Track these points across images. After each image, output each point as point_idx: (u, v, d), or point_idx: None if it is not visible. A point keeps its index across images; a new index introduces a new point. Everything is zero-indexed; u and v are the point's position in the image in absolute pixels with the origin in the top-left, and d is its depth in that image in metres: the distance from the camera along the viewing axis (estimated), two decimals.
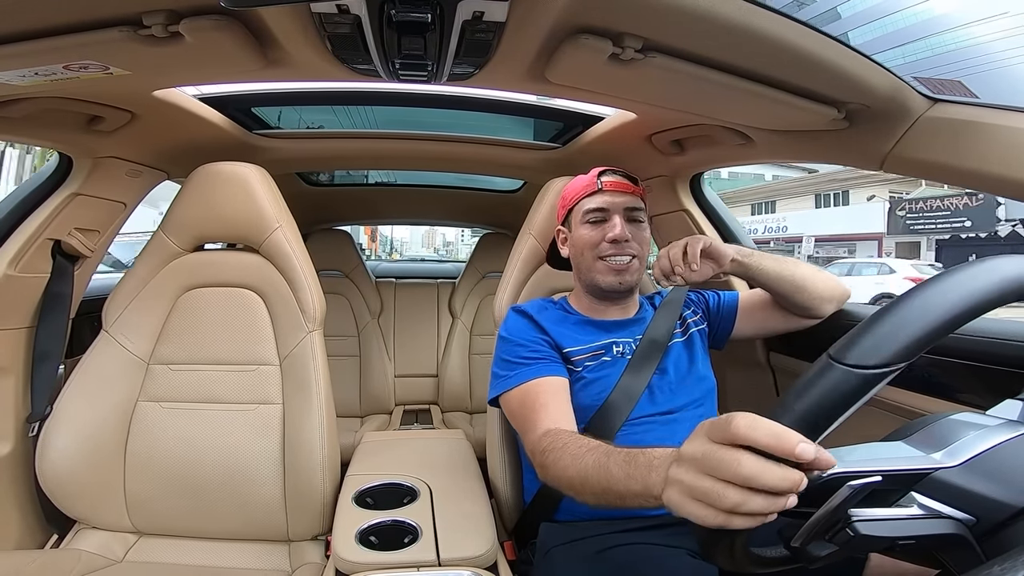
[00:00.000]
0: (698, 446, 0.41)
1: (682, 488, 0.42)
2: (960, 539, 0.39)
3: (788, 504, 0.37)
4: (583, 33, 0.65)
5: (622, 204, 0.92)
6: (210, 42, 0.65)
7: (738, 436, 0.38)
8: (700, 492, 0.40)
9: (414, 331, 2.21)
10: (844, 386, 0.39)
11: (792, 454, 0.36)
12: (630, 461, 0.54)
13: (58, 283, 1.09)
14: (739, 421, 0.38)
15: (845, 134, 0.85)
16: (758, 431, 0.37)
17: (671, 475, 0.44)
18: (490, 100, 1.24)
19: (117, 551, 0.96)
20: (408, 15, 0.58)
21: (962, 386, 0.82)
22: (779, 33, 0.62)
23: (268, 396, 1.01)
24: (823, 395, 0.40)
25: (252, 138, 1.33)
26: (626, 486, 0.53)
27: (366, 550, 0.76)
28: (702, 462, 0.40)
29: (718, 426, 0.40)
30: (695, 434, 0.43)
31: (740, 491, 0.37)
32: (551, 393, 0.82)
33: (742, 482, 0.37)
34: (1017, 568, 0.28)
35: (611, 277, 0.91)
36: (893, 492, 0.41)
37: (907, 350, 0.39)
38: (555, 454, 0.68)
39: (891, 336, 0.40)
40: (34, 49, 0.63)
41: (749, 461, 0.37)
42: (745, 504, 0.37)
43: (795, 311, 0.98)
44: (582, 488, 0.62)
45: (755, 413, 0.39)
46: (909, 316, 0.40)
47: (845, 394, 0.39)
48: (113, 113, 0.95)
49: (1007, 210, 11.70)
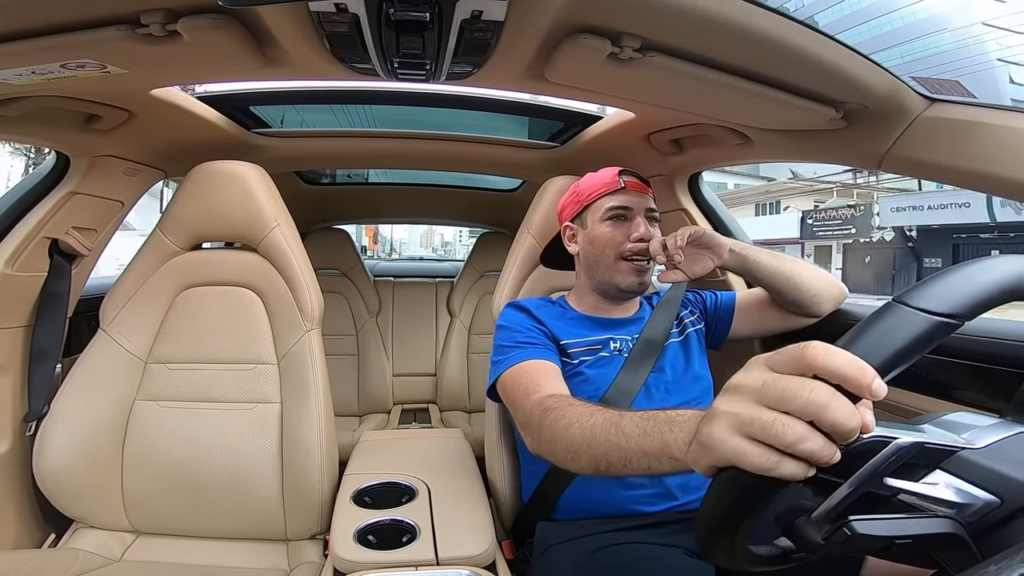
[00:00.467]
0: (758, 374, 0.37)
1: (733, 421, 0.37)
2: (957, 539, 0.39)
3: (835, 458, 0.34)
4: (582, 32, 0.65)
5: (643, 204, 0.93)
6: (208, 41, 0.65)
7: (815, 362, 0.34)
8: (759, 424, 0.35)
9: (412, 330, 2.21)
10: (910, 329, 0.38)
11: (869, 388, 0.33)
12: (648, 418, 0.51)
13: (55, 282, 1.08)
14: (816, 347, 0.34)
15: (843, 134, 0.85)
16: (839, 357, 0.34)
17: (718, 407, 0.39)
18: (489, 99, 1.24)
19: (115, 550, 0.96)
20: (407, 14, 0.58)
21: (963, 386, 0.82)
22: (777, 32, 0.62)
23: (266, 395, 1.01)
24: (888, 336, 0.38)
25: (250, 137, 1.33)
26: (639, 444, 0.50)
27: (364, 549, 0.76)
28: (763, 390, 0.36)
29: (787, 354, 0.36)
30: (751, 365, 0.39)
31: (803, 425, 0.34)
32: (548, 371, 0.82)
33: (812, 411, 0.33)
34: (1013, 567, 0.29)
35: (632, 277, 0.92)
36: (920, 467, 0.41)
37: (977, 303, 0.39)
38: (558, 412, 0.65)
39: (964, 286, 0.39)
40: (32, 48, 0.63)
41: (824, 388, 0.33)
42: (806, 441, 0.34)
43: (792, 309, 0.98)
44: (583, 449, 0.57)
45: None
46: (984, 273, 0.40)
47: (912, 339, 0.37)
48: (111, 112, 0.94)
49: (880, 219, 13.68)
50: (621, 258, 0.92)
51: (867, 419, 0.34)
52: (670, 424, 0.47)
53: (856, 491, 0.39)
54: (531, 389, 0.77)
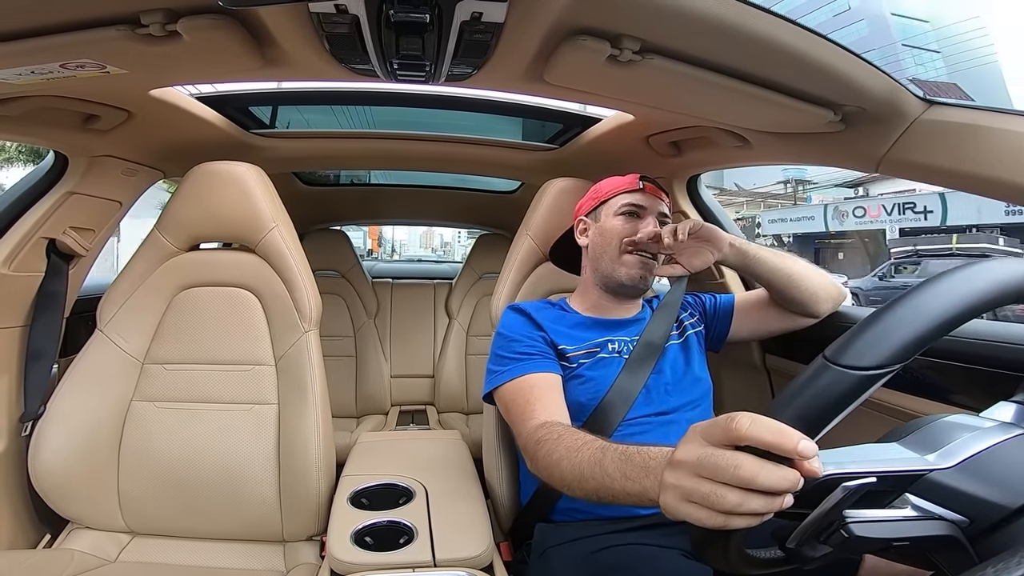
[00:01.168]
0: (693, 449, 0.41)
1: (678, 492, 0.42)
2: (953, 541, 0.39)
3: (785, 504, 0.37)
4: (581, 34, 0.65)
5: (657, 207, 0.95)
6: (208, 41, 0.65)
7: (740, 435, 0.38)
8: (698, 496, 0.39)
9: (410, 332, 2.21)
10: (839, 387, 0.40)
11: (794, 451, 0.35)
12: (626, 460, 0.53)
13: (52, 282, 1.08)
14: (741, 420, 0.38)
15: (841, 136, 0.85)
16: (761, 428, 0.37)
17: (666, 480, 0.43)
18: (488, 101, 1.24)
19: (110, 551, 0.95)
20: (406, 15, 0.58)
21: (955, 388, 0.82)
22: (776, 35, 0.63)
23: (263, 396, 1.00)
24: (818, 396, 0.40)
25: (249, 137, 1.33)
26: (622, 487, 0.53)
27: (361, 551, 0.76)
28: (698, 465, 0.40)
29: (716, 426, 0.40)
30: (688, 438, 0.43)
31: (738, 492, 0.37)
32: (545, 388, 0.83)
33: (741, 484, 0.37)
34: (1010, 569, 0.29)
35: (635, 271, 0.93)
36: (888, 493, 0.41)
37: (902, 352, 0.40)
38: (549, 446, 0.67)
39: (886, 338, 0.40)
40: (31, 48, 0.63)
41: (748, 462, 0.37)
42: (744, 505, 0.37)
43: (791, 308, 0.98)
44: (575, 484, 0.61)
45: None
46: (904, 318, 0.41)
47: (840, 395, 0.39)
48: (109, 112, 0.94)
49: (762, 229, 16.40)
50: (627, 251, 0.93)
51: (813, 468, 0.36)
52: (646, 470, 0.50)
53: (820, 523, 0.40)
54: (527, 413, 0.78)
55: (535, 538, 0.87)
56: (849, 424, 0.42)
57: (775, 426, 0.37)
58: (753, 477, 0.36)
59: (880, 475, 0.39)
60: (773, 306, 1.00)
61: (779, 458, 0.36)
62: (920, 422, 0.46)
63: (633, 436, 0.84)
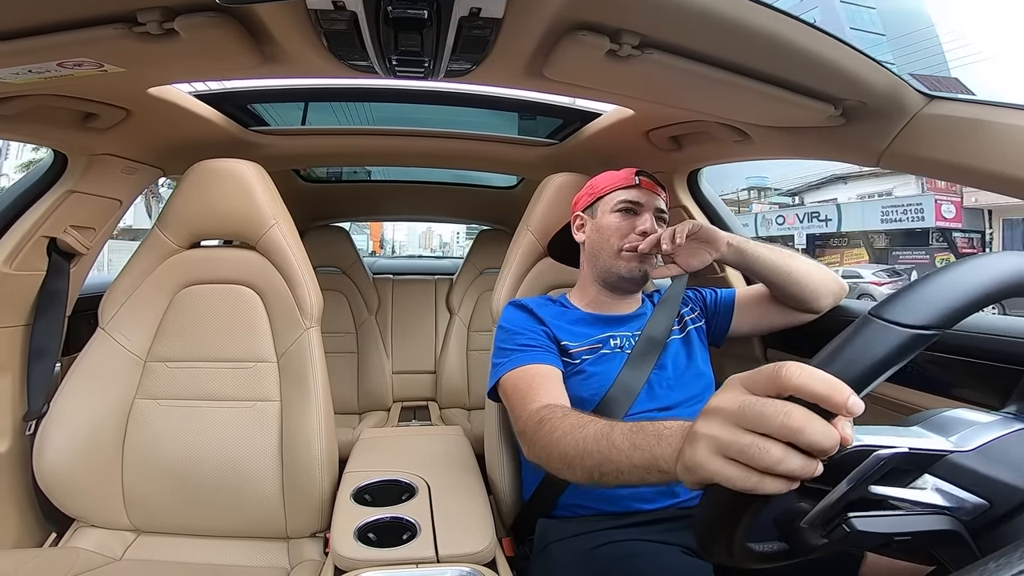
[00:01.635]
0: (734, 397, 0.38)
1: (713, 444, 0.38)
2: (955, 535, 0.39)
3: (817, 471, 0.35)
4: (580, 29, 0.65)
5: (653, 203, 0.95)
6: (205, 39, 0.65)
7: (789, 383, 0.35)
8: (736, 448, 0.36)
9: (412, 328, 2.21)
10: (885, 343, 0.38)
11: (844, 405, 0.33)
12: (637, 431, 0.51)
13: (54, 280, 1.08)
14: (791, 368, 0.35)
15: (842, 131, 0.85)
16: (813, 378, 0.34)
17: (698, 430, 0.40)
18: (487, 96, 1.23)
19: (116, 549, 0.96)
20: (405, 11, 0.58)
21: (960, 383, 0.82)
22: (776, 30, 0.62)
23: (266, 393, 1.01)
24: (863, 351, 0.38)
25: (248, 135, 1.33)
26: (629, 457, 0.51)
27: (365, 547, 0.76)
28: (739, 414, 0.37)
29: (762, 374, 0.37)
30: (727, 386, 0.40)
31: (781, 447, 0.34)
32: (547, 376, 0.83)
33: (788, 435, 0.34)
34: (1012, 564, 0.29)
35: (634, 263, 0.93)
36: (910, 472, 0.41)
37: (949, 314, 0.39)
38: (551, 423, 0.66)
39: (936, 297, 0.39)
40: (28, 47, 0.63)
41: (799, 412, 0.34)
42: (784, 462, 0.34)
43: (792, 304, 0.98)
44: (576, 460, 0.59)
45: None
46: (954, 282, 0.40)
47: (886, 353, 0.38)
48: (108, 110, 0.94)
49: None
50: (624, 249, 0.93)
51: (846, 433, 0.34)
52: (658, 438, 0.48)
53: (842, 500, 0.39)
54: (528, 398, 0.78)
55: (537, 533, 0.87)
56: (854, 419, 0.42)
57: (827, 377, 0.34)
58: (802, 427, 0.34)
59: (910, 450, 0.39)
60: (774, 302, 1.00)
61: (823, 414, 0.34)
62: (926, 415, 0.46)
63: None
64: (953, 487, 0.40)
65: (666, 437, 0.47)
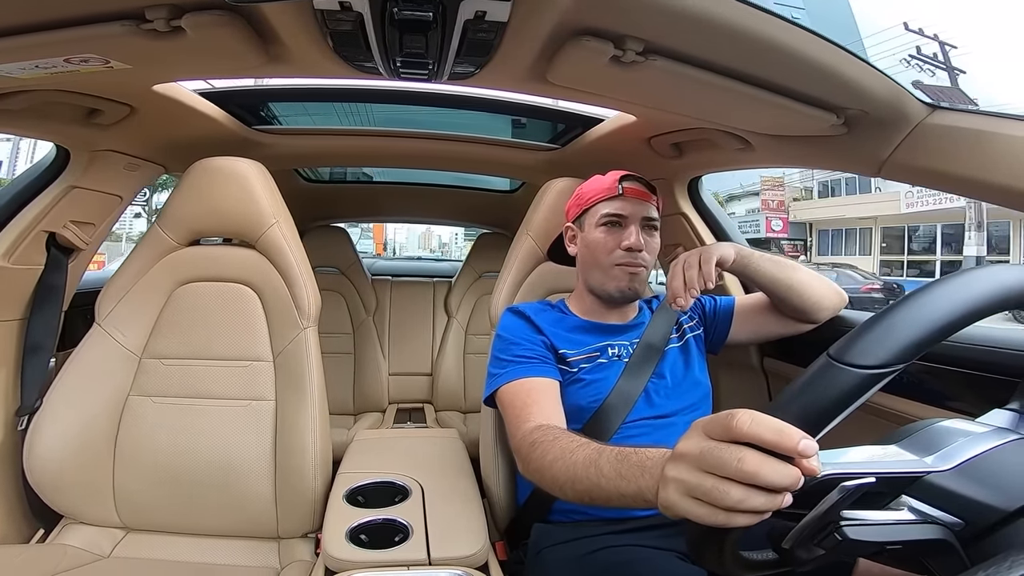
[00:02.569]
0: (696, 443, 0.41)
1: (680, 487, 0.41)
2: (946, 545, 0.39)
3: (785, 503, 0.37)
4: (585, 35, 0.65)
5: (640, 213, 0.92)
6: (212, 37, 0.65)
7: (741, 432, 0.37)
8: (700, 490, 0.39)
9: (409, 330, 2.21)
10: (842, 385, 0.39)
11: (795, 450, 0.35)
12: (622, 460, 0.53)
13: (52, 275, 1.08)
14: (742, 417, 0.37)
15: (844, 140, 0.85)
16: (761, 427, 0.36)
17: (667, 474, 0.43)
18: (490, 100, 1.24)
19: (104, 546, 0.95)
20: (410, 13, 0.58)
21: (953, 393, 0.82)
22: (780, 38, 0.63)
23: (261, 392, 1.00)
24: (821, 394, 0.40)
25: (251, 133, 1.33)
26: (616, 487, 0.53)
27: (356, 548, 0.76)
28: (701, 459, 0.39)
29: (717, 422, 0.39)
30: (691, 432, 0.42)
31: (741, 488, 0.37)
32: (542, 392, 0.82)
33: (744, 479, 0.37)
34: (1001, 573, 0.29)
35: (624, 281, 0.91)
36: (885, 495, 0.41)
37: (906, 352, 0.40)
38: (543, 447, 0.67)
39: (890, 337, 0.40)
40: (36, 42, 0.63)
41: (751, 457, 0.36)
42: (746, 501, 0.37)
43: (792, 315, 0.98)
44: (567, 485, 0.61)
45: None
46: (908, 319, 0.41)
47: (843, 393, 0.39)
48: (112, 106, 0.94)
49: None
50: (614, 265, 0.91)
51: (812, 466, 0.36)
52: (642, 469, 0.50)
53: (818, 523, 0.40)
54: (522, 416, 0.78)
55: (531, 538, 0.87)
56: (846, 427, 0.42)
57: (776, 425, 0.36)
58: (756, 471, 0.36)
59: (878, 476, 0.39)
60: (773, 311, 0.99)
61: (781, 456, 0.36)
62: (917, 426, 0.46)
63: (632, 439, 0.84)
64: (929, 507, 0.40)
65: (648, 469, 0.49)
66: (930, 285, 0.43)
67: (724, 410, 0.39)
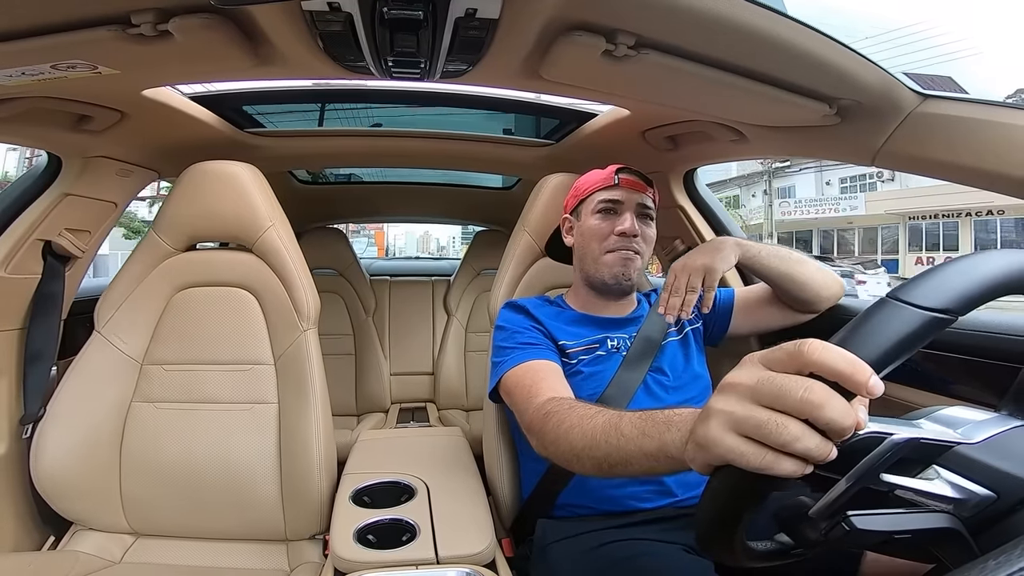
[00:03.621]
0: (753, 372, 0.37)
1: (728, 420, 0.36)
2: (955, 533, 0.40)
3: (831, 456, 0.34)
4: (576, 30, 0.65)
5: (635, 200, 0.93)
6: (200, 41, 0.65)
7: (811, 359, 0.34)
8: (753, 423, 0.35)
9: (409, 329, 2.21)
10: (903, 325, 0.38)
11: (865, 384, 0.32)
12: (646, 419, 0.51)
13: (49, 284, 1.08)
14: (813, 344, 0.34)
15: (837, 130, 0.85)
16: (834, 354, 0.33)
17: (712, 405, 0.39)
18: (483, 97, 1.23)
19: (114, 552, 0.95)
20: (400, 12, 0.58)
21: (959, 381, 0.82)
22: (771, 29, 0.62)
23: (263, 396, 1.00)
24: (881, 332, 0.38)
25: (244, 136, 1.32)
26: (638, 444, 0.50)
27: (364, 549, 0.76)
28: (758, 390, 0.35)
29: (781, 350, 0.36)
30: (744, 363, 0.39)
31: (799, 424, 0.33)
32: (549, 371, 0.82)
33: (808, 411, 0.33)
34: (1012, 562, 0.28)
35: (617, 268, 0.92)
36: (916, 463, 0.41)
37: (967, 298, 0.39)
38: (559, 416, 0.65)
39: (955, 282, 0.40)
40: (21, 49, 0.62)
41: (819, 387, 0.33)
42: (802, 439, 0.33)
43: (795, 306, 0.98)
44: (584, 452, 0.58)
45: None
46: (973, 268, 0.41)
47: (904, 335, 0.37)
48: (102, 112, 0.94)
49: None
50: (607, 251, 0.92)
51: (861, 416, 0.34)
52: (668, 424, 0.47)
53: (853, 487, 0.39)
54: (533, 392, 0.77)
55: (536, 534, 0.87)
56: None
57: (849, 355, 0.33)
58: (823, 403, 0.33)
59: (915, 441, 0.39)
60: (774, 303, 1.00)
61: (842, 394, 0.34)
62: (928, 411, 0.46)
63: None
64: (961, 478, 0.40)
65: (676, 424, 0.46)
66: (994, 250, 0.44)
67: None
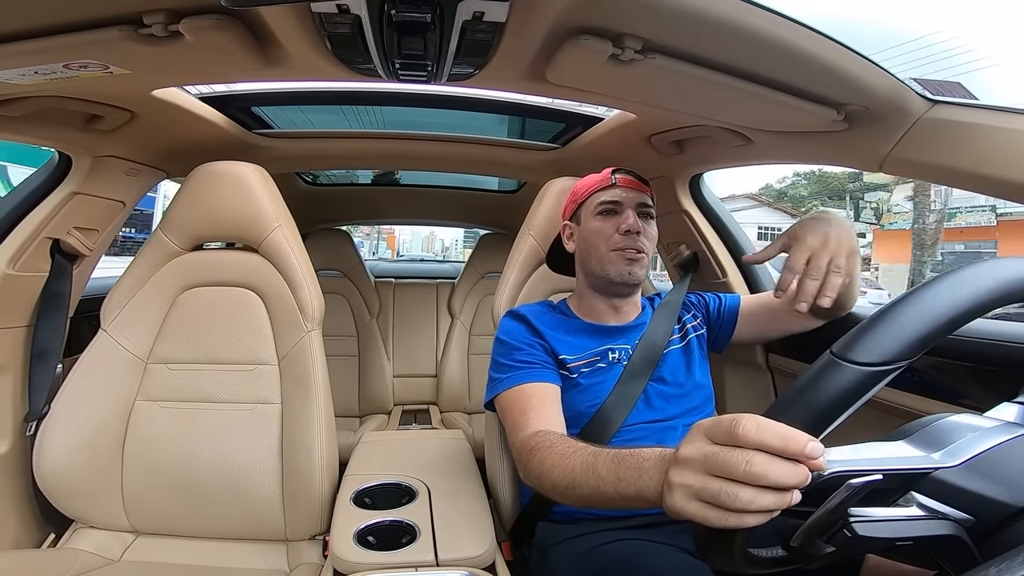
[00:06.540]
0: (699, 447, 0.41)
1: (687, 491, 0.41)
2: (957, 540, 0.39)
3: (794, 500, 0.37)
4: (583, 34, 0.65)
5: (635, 199, 0.93)
6: (210, 42, 0.65)
7: (747, 440, 0.37)
8: (709, 494, 0.39)
9: (413, 331, 2.22)
10: (846, 383, 0.39)
11: (802, 453, 0.36)
12: (619, 463, 0.53)
13: (57, 282, 1.09)
14: (747, 424, 0.38)
15: (844, 135, 0.85)
16: (766, 434, 0.37)
17: (672, 479, 0.43)
18: (490, 100, 1.24)
19: (115, 551, 0.96)
20: (408, 15, 0.58)
21: (960, 388, 0.82)
22: (779, 34, 0.62)
23: (267, 396, 1.00)
24: (825, 392, 0.40)
25: (251, 137, 1.33)
26: (616, 489, 0.53)
27: (364, 550, 0.76)
28: (707, 463, 0.39)
29: (721, 428, 0.40)
30: (692, 436, 0.42)
31: (750, 489, 0.37)
32: (542, 397, 0.82)
33: (753, 480, 0.37)
34: (1013, 569, 0.28)
35: (623, 266, 0.91)
36: (893, 491, 0.41)
37: (910, 348, 0.40)
38: (541, 453, 0.68)
39: (895, 333, 0.40)
40: (35, 48, 0.63)
41: (759, 459, 0.37)
42: (756, 501, 0.37)
43: (819, 315, 0.94)
44: (568, 490, 0.61)
45: (753, 413, 0.39)
46: (912, 314, 0.41)
47: (848, 391, 0.39)
48: (112, 112, 0.95)
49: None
50: (612, 250, 0.91)
51: (819, 464, 0.37)
52: (639, 472, 0.50)
53: (825, 521, 0.40)
54: (521, 423, 0.78)
55: (536, 537, 0.87)
56: (853, 423, 0.42)
57: (780, 430, 0.37)
58: (765, 472, 0.36)
59: (886, 472, 0.39)
60: (781, 310, 0.97)
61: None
62: (924, 421, 0.45)
63: (631, 442, 0.84)
64: (937, 503, 0.40)
65: (646, 471, 0.49)
66: (936, 279, 0.43)
67: (728, 408, 0.39)
